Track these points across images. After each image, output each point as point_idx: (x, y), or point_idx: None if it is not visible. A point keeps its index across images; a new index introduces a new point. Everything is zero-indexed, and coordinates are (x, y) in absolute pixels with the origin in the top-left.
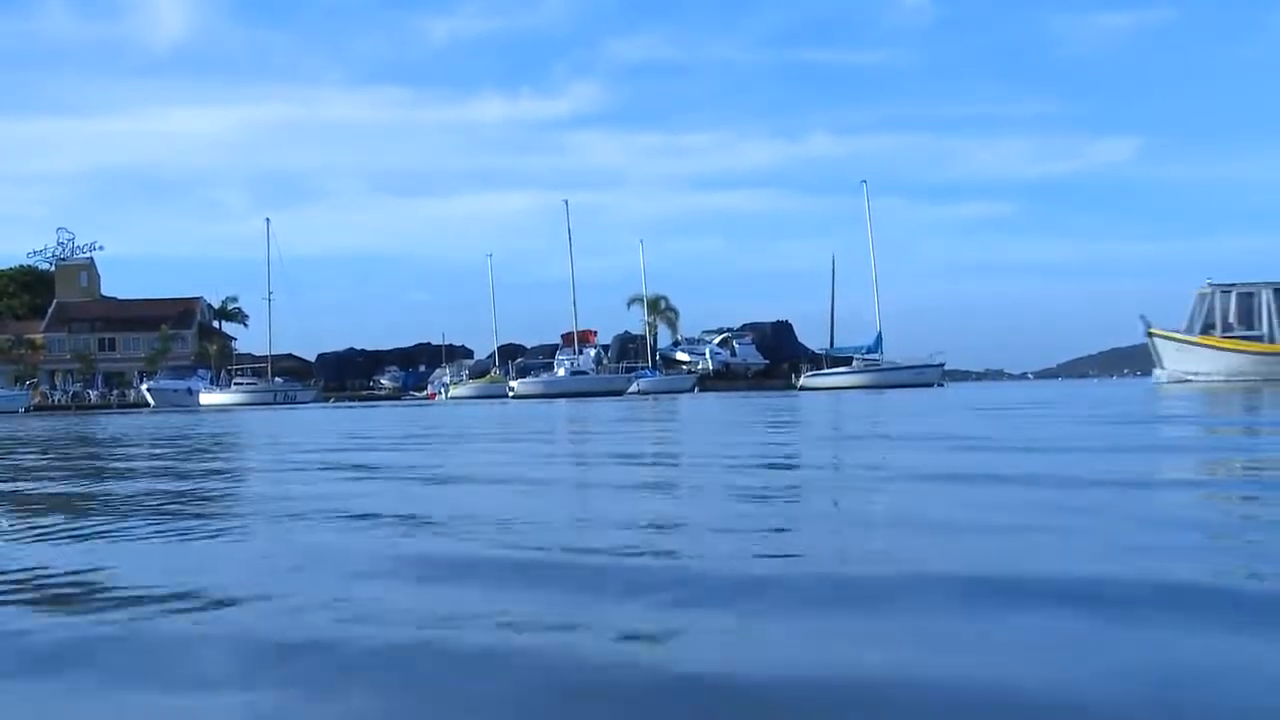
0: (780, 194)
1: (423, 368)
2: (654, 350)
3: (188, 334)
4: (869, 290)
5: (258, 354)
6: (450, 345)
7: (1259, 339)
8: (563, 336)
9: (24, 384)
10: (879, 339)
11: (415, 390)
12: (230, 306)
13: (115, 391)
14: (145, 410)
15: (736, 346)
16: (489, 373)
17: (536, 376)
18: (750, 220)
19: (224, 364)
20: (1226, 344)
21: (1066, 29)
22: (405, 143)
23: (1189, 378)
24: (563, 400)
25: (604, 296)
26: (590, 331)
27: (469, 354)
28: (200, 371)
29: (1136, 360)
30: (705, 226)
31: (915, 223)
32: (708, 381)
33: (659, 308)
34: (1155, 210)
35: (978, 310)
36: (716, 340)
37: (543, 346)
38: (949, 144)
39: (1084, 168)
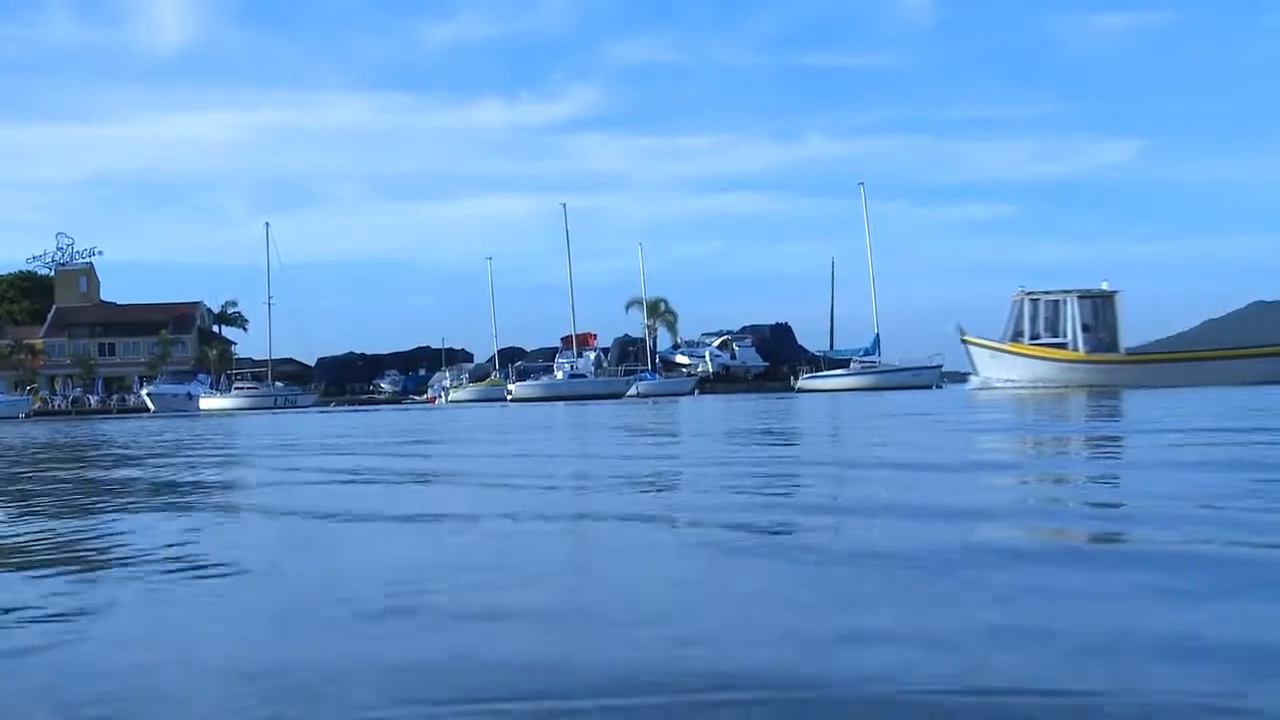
0: (780, 197)
1: (422, 371)
2: (654, 353)
3: (187, 339)
4: (868, 292)
5: (257, 358)
6: (450, 349)
7: (1064, 346)
8: (562, 340)
9: (24, 389)
10: (876, 341)
11: (415, 394)
12: (230, 311)
13: (115, 396)
14: (145, 415)
15: (736, 349)
16: (489, 376)
17: (536, 380)
18: (750, 223)
19: (224, 369)
20: (1033, 351)
21: (1067, 30)
22: (405, 147)
23: (1000, 385)
24: (561, 404)
25: (604, 300)
26: (590, 334)
27: (469, 357)
28: (200, 376)
29: None
30: (705, 229)
31: (917, 225)
32: (707, 384)
33: (658, 310)
34: (1157, 212)
35: (980, 312)
36: (716, 343)
37: (543, 350)
38: (949, 146)
39: (1086, 169)
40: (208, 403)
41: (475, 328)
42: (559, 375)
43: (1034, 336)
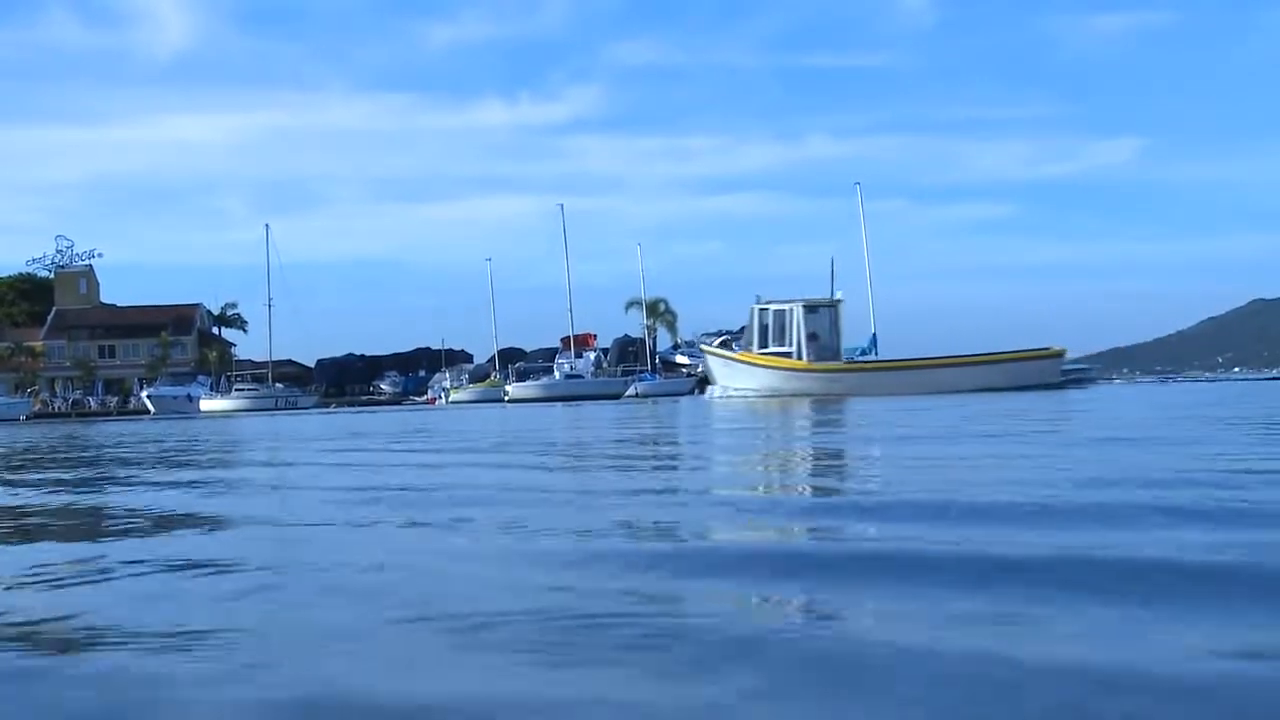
0: (780, 197)
1: (422, 372)
2: (653, 353)
3: (187, 340)
4: (866, 292)
5: (257, 360)
6: (450, 350)
7: (789, 356)
8: (562, 340)
9: (24, 392)
10: (874, 340)
11: (415, 395)
12: (230, 313)
13: (115, 398)
14: (146, 417)
15: (736, 349)
16: (489, 377)
17: (534, 380)
18: (750, 223)
19: (224, 370)
20: (759, 360)
21: (1065, 31)
22: (406, 149)
23: (734, 394)
24: (558, 404)
25: (605, 300)
26: (590, 335)
27: (469, 358)
28: (200, 378)
29: (1139, 359)
30: (705, 230)
31: (917, 224)
32: (707, 384)
33: (658, 311)
34: (1155, 211)
35: (979, 311)
36: (716, 343)
37: (543, 350)
38: (949, 146)
39: (1084, 169)
40: (208, 404)
41: (475, 329)
42: (557, 376)
43: (763, 345)
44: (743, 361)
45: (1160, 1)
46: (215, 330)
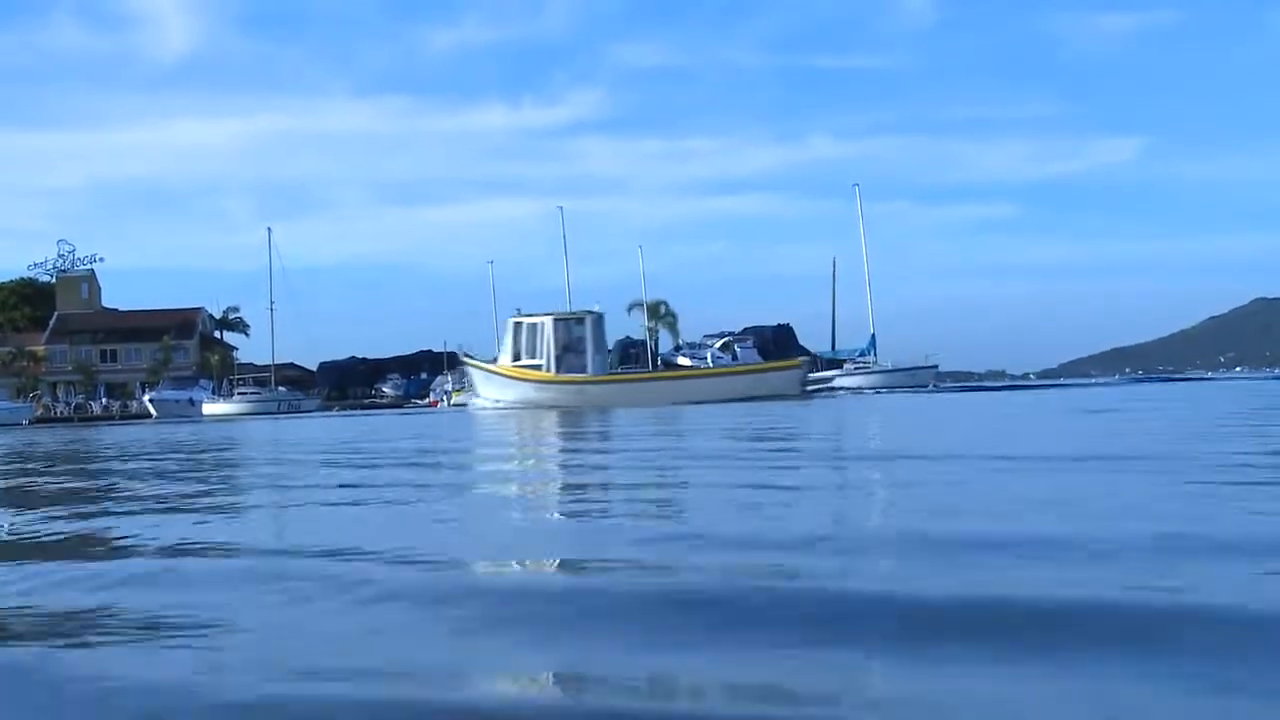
0: (782, 198)
1: (424, 375)
2: (655, 355)
3: (189, 344)
4: (865, 294)
5: (259, 363)
6: (452, 352)
7: (540, 368)
8: None
9: (26, 396)
10: (873, 341)
11: (417, 398)
12: (231, 316)
13: (118, 403)
14: (148, 421)
15: (738, 350)
16: None
17: None
18: (752, 224)
19: (226, 374)
20: (512, 372)
21: (1067, 30)
22: (408, 152)
23: (492, 405)
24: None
25: (607, 302)
26: None
27: None
28: (202, 382)
29: (1139, 360)
30: (708, 231)
31: (919, 225)
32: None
33: (659, 313)
34: (1157, 210)
35: (981, 311)
36: (718, 344)
37: None
38: (951, 146)
39: (1085, 168)
40: (210, 408)
41: (478, 332)
42: None
43: (516, 357)
44: (499, 373)
45: (1163, 0)
46: (217, 334)
